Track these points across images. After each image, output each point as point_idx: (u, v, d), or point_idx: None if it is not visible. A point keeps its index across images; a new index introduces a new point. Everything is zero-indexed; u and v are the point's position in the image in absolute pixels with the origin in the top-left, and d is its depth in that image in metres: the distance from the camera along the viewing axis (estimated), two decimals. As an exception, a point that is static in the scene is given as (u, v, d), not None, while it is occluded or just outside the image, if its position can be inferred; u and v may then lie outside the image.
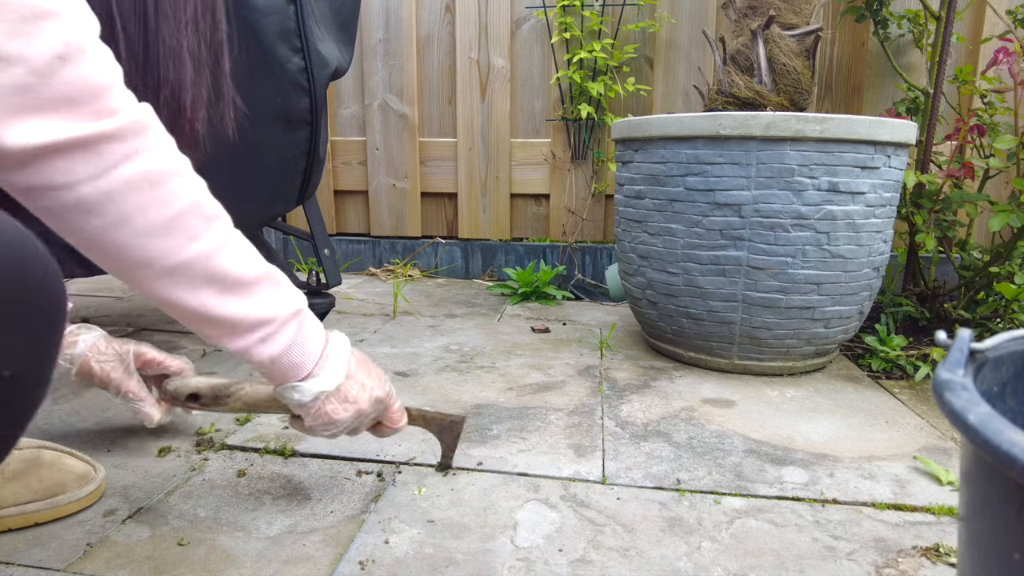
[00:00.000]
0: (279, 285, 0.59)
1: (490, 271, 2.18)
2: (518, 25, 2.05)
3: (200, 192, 0.53)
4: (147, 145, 0.48)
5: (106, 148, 0.45)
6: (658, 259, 1.23)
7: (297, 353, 0.61)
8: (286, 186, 1.16)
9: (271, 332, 0.59)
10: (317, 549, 0.66)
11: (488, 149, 2.12)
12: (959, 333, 0.39)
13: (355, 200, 2.28)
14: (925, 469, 0.86)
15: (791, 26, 1.33)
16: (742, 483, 0.81)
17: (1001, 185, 1.82)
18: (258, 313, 0.57)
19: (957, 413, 0.31)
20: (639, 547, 0.68)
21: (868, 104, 1.90)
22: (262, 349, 0.59)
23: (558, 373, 1.21)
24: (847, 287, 1.15)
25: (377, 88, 2.16)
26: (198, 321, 0.56)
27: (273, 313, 0.58)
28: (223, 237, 0.55)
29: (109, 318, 1.55)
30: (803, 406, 1.07)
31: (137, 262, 0.50)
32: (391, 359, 1.28)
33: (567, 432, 0.95)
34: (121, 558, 0.64)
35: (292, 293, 0.61)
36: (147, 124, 0.48)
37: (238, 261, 0.56)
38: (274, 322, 0.59)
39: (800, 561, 0.66)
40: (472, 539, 0.68)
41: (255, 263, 0.57)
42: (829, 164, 1.08)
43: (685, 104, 1.99)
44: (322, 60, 1.10)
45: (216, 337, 0.57)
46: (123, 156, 0.46)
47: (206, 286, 0.54)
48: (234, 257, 0.55)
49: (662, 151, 1.19)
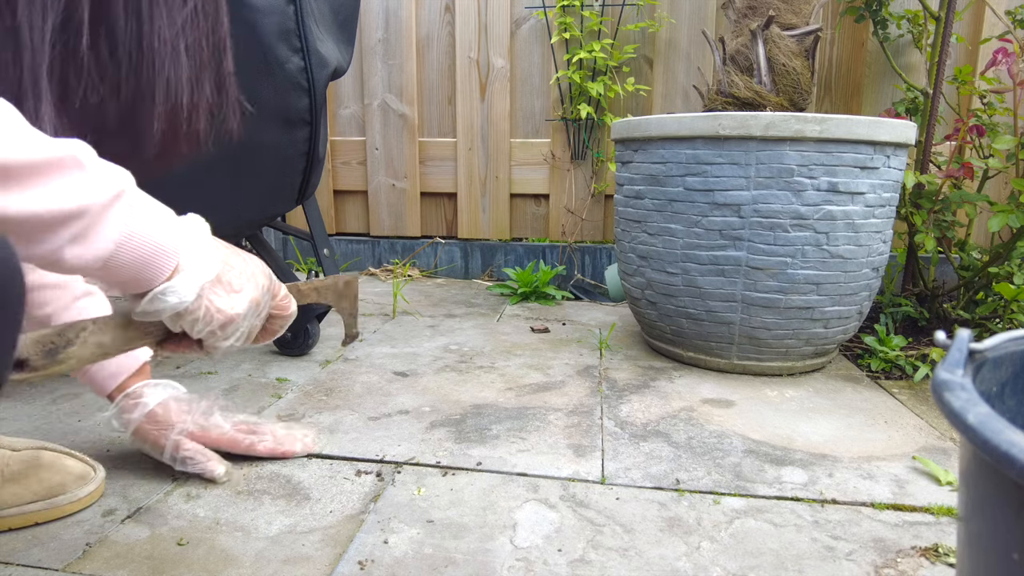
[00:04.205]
0: (84, 167, 0.45)
1: (489, 271, 2.18)
2: (518, 25, 2.05)
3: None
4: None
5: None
6: (657, 259, 1.23)
7: (140, 245, 0.48)
8: (285, 186, 1.16)
9: (87, 225, 0.45)
10: (316, 549, 0.66)
11: (488, 149, 2.12)
12: (958, 333, 0.39)
13: (354, 200, 2.28)
14: (924, 469, 0.86)
15: (791, 26, 1.33)
16: (741, 483, 0.81)
17: (1000, 185, 1.82)
18: (59, 204, 0.43)
19: (956, 413, 0.31)
20: (638, 547, 0.68)
21: (867, 104, 1.90)
22: (80, 251, 0.45)
23: (557, 373, 1.21)
24: (846, 287, 1.15)
25: (377, 88, 2.16)
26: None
27: (81, 201, 0.45)
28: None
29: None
30: (802, 406, 1.08)
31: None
32: (390, 359, 1.28)
33: (566, 432, 0.95)
34: (120, 558, 0.64)
35: (109, 174, 0.47)
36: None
37: (13, 143, 0.41)
38: (87, 213, 0.45)
39: (799, 561, 0.66)
40: (471, 539, 0.68)
41: (42, 144, 0.42)
42: (828, 164, 1.08)
43: (685, 104, 1.99)
44: (321, 60, 1.10)
45: (20, 246, 0.43)
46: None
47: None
48: (7, 138, 0.41)
49: (661, 151, 1.19)
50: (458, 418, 0.99)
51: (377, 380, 1.16)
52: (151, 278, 0.50)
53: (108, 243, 0.47)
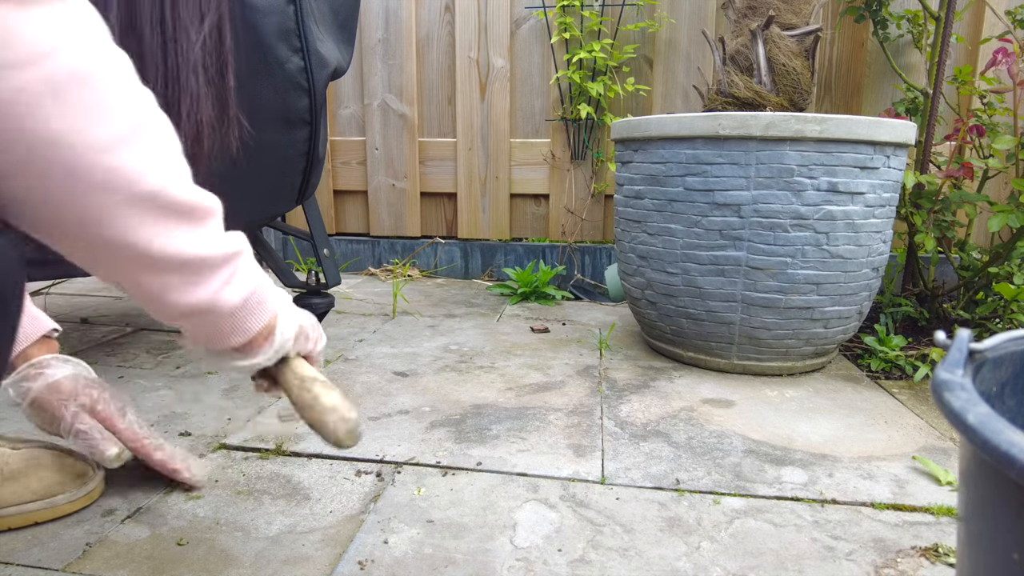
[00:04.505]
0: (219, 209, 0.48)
1: (489, 271, 2.18)
2: (518, 25, 2.05)
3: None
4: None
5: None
6: (657, 259, 1.23)
7: (260, 292, 0.51)
8: (285, 186, 1.16)
9: (234, 270, 0.48)
10: (316, 549, 0.66)
11: (488, 149, 2.12)
12: (958, 333, 0.39)
13: (354, 200, 2.28)
14: (924, 469, 0.86)
15: (791, 26, 1.33)
16: (741, 483, 0.81)
17: (1000, 185, 1.82)
18: (222, 249, 0.46)
19: (956, 413, 0.31)
20: (638, 547, 0.68)
21: (867, 104, 1.90)
22: (231, 292, 0.48)
23: (557, 373, 1.21)
24: (846, 287, 1.15)
25: (376, 88, 2.16)
26: (155, 268, 0.43)
27: (235, 247, 0.48)
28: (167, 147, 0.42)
29: (108, 318, 1.55)
30: (802, 406, 1.08)
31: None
32: (390, 359, 1.28)
33: (566, 432, 0.95)
34: (120, 558, 0.64)
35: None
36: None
37: (191, 183, 0.44)
38: (236, 257, 0.48)
39: (799, 561, 0.66)
40: (471, 539, 0.68)
41: (196, 186, 0.45)
42: (828, 164, 1.08)
43: (684, 104, 1.99)
44: (321, 60, 1.10)
45: (170, 290, 0.45)
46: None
47: (166, 217, 0.42)
48: (187, 178, 0.44)
49: (661, 151, 1.19)
50: (458, 418, 0.99)
51: (377, 380, 1.16)
52: (253, 322, 0.52)
53: (246, 289, 0.49)
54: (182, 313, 0.47)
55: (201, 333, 0.51)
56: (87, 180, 0.38)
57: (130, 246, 0.41)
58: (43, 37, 0.35)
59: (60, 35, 0.35)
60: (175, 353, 1.28)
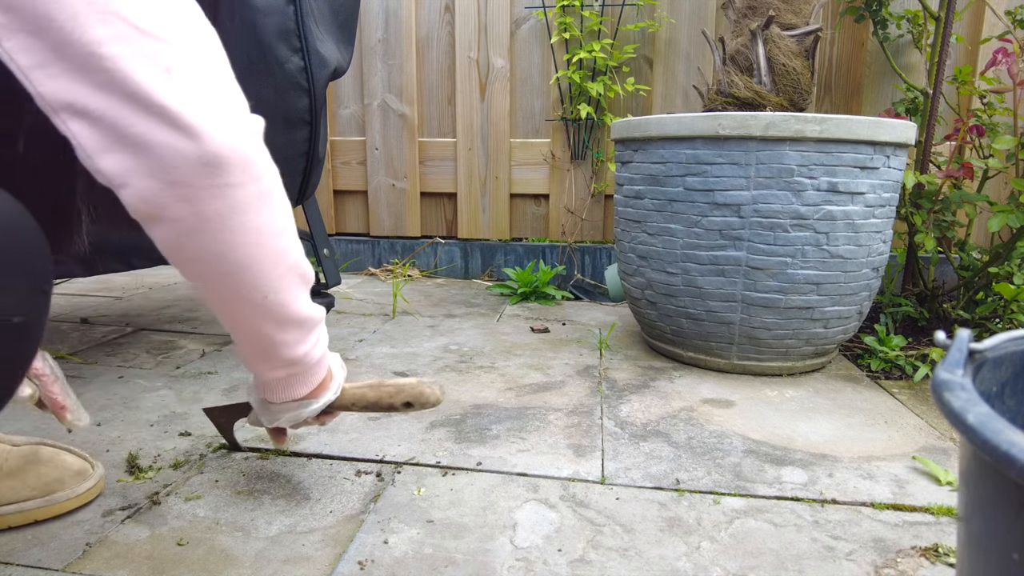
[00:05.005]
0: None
1: (489, 271, 2.18)
2: (518, 25, 2.05)
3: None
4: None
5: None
6: (657, 259, 1.23)
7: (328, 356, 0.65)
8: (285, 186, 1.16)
9: (323, 327, 0.61)
10: (316, 549, 0.66)
11: (487, 149, 2.12)
12: (958, 333, 0.39)
13: (354, 200, 2.28)
14: (924, 469, 0.86)
15: (790, 26, 1.33)
16: (741, 483, 0.81)
17: (1000, 185, 1.82)
18: (320, 309, 0.60)
19: (956, 413, 0.31)
20: (638, 547, 0.68)
21: (867, 104, 1.90)
22: (319, 347, 0.60)
23: (557, 373, 1.21)
24: (846, 287, 1.15)
25: (376, 88, 2.16)
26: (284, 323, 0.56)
27: (320, 308, 0.61)
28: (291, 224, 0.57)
29: (108, 318, 1.55)
30: (802, 406, 1.07)
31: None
32: (390, 359, 1.28)
33: (566, 432, 0.95)
34: (120, 558, 0.63)
35: None
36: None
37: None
38: (323, 318, 0.61)
39: (799, 561, 0.66)
40: (471, 539, 0.68)
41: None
42: (828, 164, 1.08)
43: (684, 104, 1.99)
44: (321, 60, 1.10)
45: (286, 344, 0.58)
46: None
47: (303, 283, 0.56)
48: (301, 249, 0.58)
49: (661, 151, 1.19)
50: (458, 418, 0.99)
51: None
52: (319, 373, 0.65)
53: (325, 345, 0.62)
54: (284, 364, 0.60)
55: (281, 384, 0.62)
56: (269, 254, 0.53)
57: (284, 304, 0.55)
58: (263, 160, 0.53)
59: (266, 157, 0.54)
60: (175, 353, 1.28)
